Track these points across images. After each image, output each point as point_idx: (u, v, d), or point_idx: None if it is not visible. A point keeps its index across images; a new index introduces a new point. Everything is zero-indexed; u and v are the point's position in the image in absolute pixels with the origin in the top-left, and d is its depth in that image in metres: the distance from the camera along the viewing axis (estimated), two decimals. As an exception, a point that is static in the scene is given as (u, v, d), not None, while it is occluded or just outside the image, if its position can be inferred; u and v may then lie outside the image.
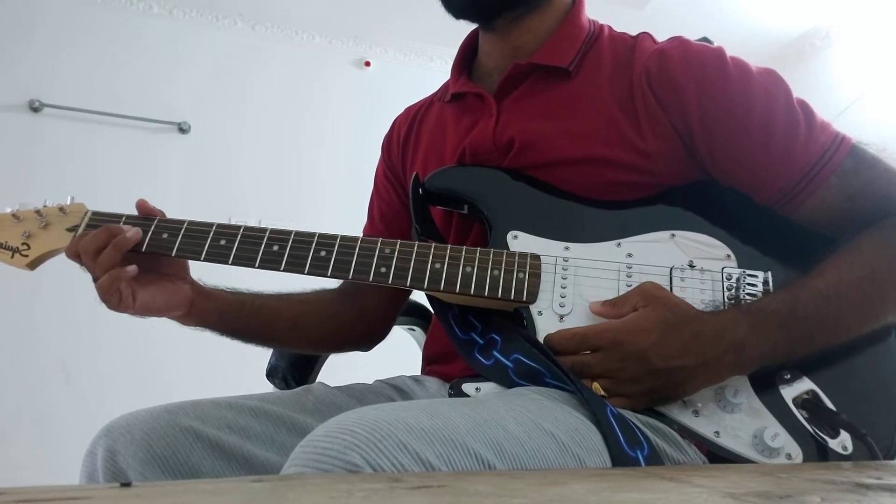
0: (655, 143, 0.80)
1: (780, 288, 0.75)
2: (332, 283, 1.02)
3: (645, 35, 0.88)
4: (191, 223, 0.85)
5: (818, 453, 0.70)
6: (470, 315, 0.83)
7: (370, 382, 0.96)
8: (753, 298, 0.75)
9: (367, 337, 1.06)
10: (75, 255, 0.83)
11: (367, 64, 3.08)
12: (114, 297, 0.81)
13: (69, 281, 0.82)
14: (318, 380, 1.06)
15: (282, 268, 0.81)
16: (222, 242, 0.83)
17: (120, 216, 0.87)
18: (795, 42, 3.04)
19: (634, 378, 0.69)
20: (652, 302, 0.71)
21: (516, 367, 0.73)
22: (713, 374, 0.70)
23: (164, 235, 0.84)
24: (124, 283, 0.81)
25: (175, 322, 0.91)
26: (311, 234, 0.83)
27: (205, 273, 0.91)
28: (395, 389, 0.95)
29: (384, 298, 1.03)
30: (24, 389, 2.42)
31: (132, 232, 0.82)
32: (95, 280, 0.82)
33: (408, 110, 1.09)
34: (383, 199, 1.08)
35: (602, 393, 0.69)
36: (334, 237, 0.82)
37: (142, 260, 0.84)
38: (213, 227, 0.85)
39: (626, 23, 0.97)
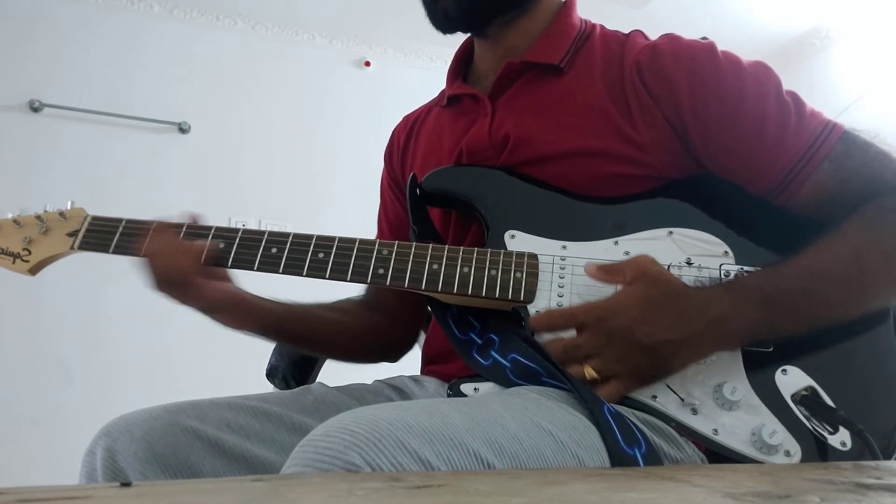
0: (648, 133, 0.80)
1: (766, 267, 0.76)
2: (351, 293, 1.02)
3: (637, 32, 0.89)
4: (189, 227, 0.85)
5: (817, 450, 0.70)
6: (468, 315, 0.83)
7: (369, 382, 0.96)
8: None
9: (398, 346, 1.06)
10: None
11: (367, 64, 3.08)
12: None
13: (71, 281, 0.82)
14: (317, 380, 1.06)
15: (280, 270, 0.82)
16: (221, 246, 0.84)
17: (119, 220, 0.87)
18: (795, 42, 3.04)
19: (621, 356, 0.69)
20: (641, 278, 0.72)
21: (514, 366, 0.73)
22: (697, 349, 0.71)
23: None
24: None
25: (176, 321, 0.90)
26: (309, 237, 0.83)
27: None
28: (394, 389, 0.95)
29: (409, 305, 1.02)
30: (24, 389, 2.42)
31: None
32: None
33: (406, 119, 1.09)
34: (390, 211, 1.08)
35: (594, 375, 0.69)
36: (332, 239, 0.82)
37: None
38: (212, 231, 0.85)
39: (625, 22, 0.97)
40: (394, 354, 1.07)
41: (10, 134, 2.55)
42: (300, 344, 1.00)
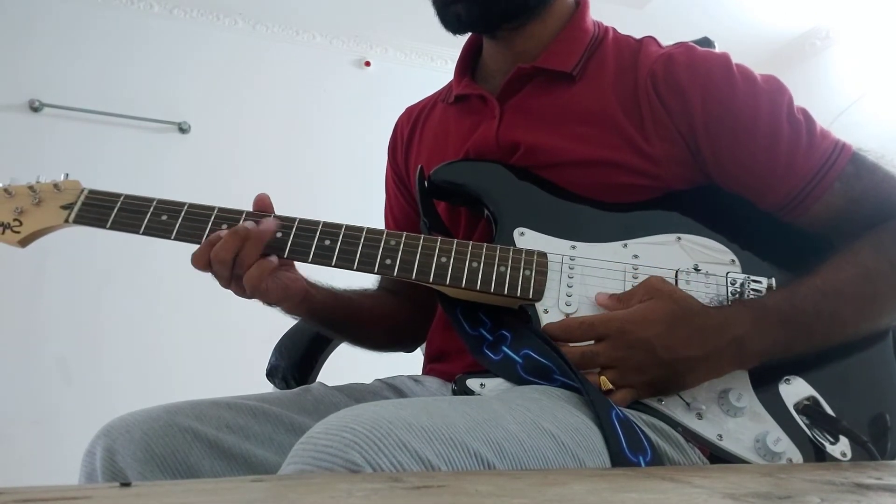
0: (660, 146, 0.81)
1: (780, 287, 0.76)
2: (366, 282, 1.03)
3: (650, 39, 0.88)
4: (191, 205, 0.84)
5: (817, 459, 0.70)
6: (480, 312, 0.82)
7: (369, 382, 0.96)
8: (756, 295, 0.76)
9: (418, 331, 1.06)
10: (206, 265, 0.80)
11: (367, 64, 3.08)
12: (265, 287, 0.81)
13: (71, 280, 0.82)
14: (318, 380, 1.06)
15: (285, 255, 0.81)
16: (224, 227, 0.83)
17: (118, 195, 0.85)
18: (795, 42, 3.04)
19: (639, 367, 0.69)
20: (658, 295, 0.72)
21: (525, 362, 0.73)
22: (714, 367, 0.71)
23: (164, 217, 0.83)
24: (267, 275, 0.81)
25: (176, 321, 0.90)
26: (316, 223, 0.83)
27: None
28: (393, 390, 0.94)
29: (424, 289, 1.00)
30: (24, 389, 2.42)
31: (268, 223, 0.82)
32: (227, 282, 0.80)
33: (409, 110, 1.09)
34: (395, 206, 1.08)
35: (609, 386, 0.69)
36: (339, 226, 0.82)
37: None
38: (215, 211, 0.84)
39: (625, 22, 0.97)
40: (413, 342, 1.08)
41: (10, 134, 2.55)
42: (341, 333, 1.00)
